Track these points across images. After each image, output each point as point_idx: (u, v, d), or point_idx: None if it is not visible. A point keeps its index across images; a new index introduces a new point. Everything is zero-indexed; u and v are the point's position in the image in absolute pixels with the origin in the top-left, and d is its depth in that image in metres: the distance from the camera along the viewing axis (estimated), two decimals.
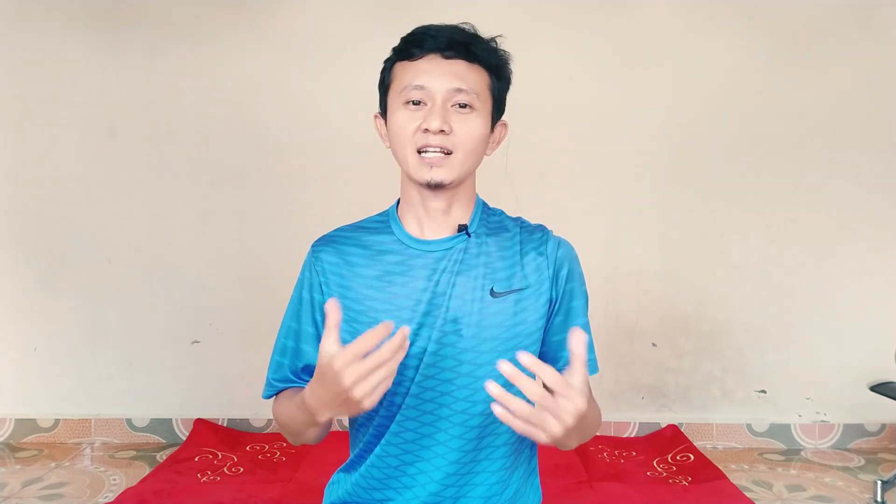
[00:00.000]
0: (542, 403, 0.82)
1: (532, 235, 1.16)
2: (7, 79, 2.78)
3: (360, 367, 0.84)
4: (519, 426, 0.83)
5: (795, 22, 2.75)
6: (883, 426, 2.82)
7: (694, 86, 2.78)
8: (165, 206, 2.82)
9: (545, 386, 0.83)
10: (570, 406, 0.82)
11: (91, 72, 2.77)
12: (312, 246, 1.18)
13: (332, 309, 0.88)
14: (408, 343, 0.88)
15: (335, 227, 1.20)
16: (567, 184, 2.81)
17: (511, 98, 1.17)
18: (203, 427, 2.74)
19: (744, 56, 2.77)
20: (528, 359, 0.81)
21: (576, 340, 0.85)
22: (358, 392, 0.85)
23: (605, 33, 2.77)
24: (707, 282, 2.84)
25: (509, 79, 1.15)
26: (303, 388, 1.16)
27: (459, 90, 1.06)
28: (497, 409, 0.82)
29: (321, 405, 0.92)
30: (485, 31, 1.12)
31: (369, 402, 0.86)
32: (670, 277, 2.84)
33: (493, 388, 0.81)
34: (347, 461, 1.20)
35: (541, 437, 0.83)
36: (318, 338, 1.14)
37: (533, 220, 1.21)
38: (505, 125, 1.18)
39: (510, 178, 2.75)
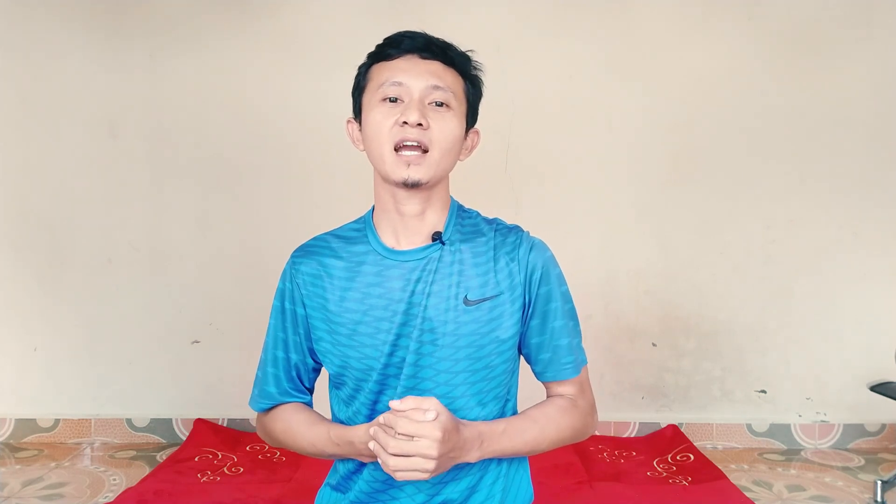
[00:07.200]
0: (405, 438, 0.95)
1: (506, 240, 1.14)
2: (7, 79, 2.78)
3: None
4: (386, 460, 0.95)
5: (795, 22, 2.75)
6: (883, 426, 2.82)
7: (694, 86, 2.78)
8: (165, 206, 2.82)
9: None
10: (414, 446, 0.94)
11: (91, 72, 2.77)
12: (292, 256, 1.19)
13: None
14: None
15: (314, 235, 1.21)
16: (567, 184, 2.81)
17: (511, 99, 1.17)
18: (203, 427, 2.74)
19: (743, 56, 2.77)
20: (399, 405, 0.95)
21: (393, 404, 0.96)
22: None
23: (604, 34, 2.77)
24: (707, 282, 2.84)
25: (481, 90, 1.17)
26: (301, 403, 1.20)
27: (437, 87, 1.07)
28: (371, 445, 0.97)
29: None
30: (476, 38, 1.15)
31: None
32: (670, 277, 2.84)
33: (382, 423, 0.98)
34: (336, 477, 1.20)
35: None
36: (305, 346, 1.18)
37: (533, 221, 1.21)
38: (477, 133, 1.18)
39: (510, 179, 2.75)
